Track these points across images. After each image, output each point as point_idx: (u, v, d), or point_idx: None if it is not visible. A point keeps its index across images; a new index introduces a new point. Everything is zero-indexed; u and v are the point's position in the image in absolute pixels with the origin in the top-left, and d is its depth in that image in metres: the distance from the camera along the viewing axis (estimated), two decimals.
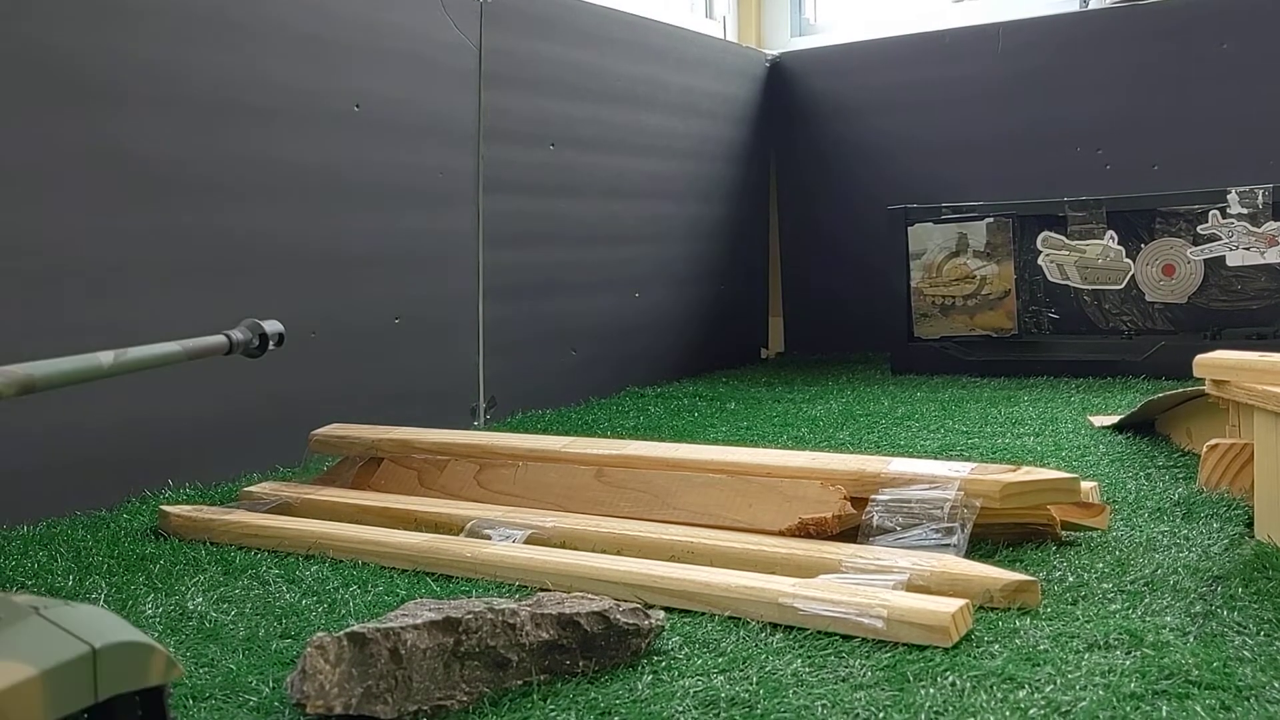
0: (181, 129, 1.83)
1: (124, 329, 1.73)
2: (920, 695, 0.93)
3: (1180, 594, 1.16)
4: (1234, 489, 1.51)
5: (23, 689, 0.61)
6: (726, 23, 3.86)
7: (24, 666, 0.62)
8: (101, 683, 0.66)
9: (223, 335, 1.08)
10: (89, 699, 0.65)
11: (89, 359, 0.94)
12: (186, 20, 1.83)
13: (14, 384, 0.86)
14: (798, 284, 3.65)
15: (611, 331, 2.86)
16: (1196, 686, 0.93)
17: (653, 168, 3.02)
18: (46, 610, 0.67)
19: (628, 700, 0.95)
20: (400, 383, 2.23)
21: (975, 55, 3.29)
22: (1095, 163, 3.13)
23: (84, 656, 0.65)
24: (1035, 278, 2.90)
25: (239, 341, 1.09)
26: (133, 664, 0.68)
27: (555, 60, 2.65)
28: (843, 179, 3.51)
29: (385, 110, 2.19)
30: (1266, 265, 2.65)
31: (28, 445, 1.64)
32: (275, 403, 1.98)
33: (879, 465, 1.40)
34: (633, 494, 1.51)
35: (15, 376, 0.86)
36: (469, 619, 0.96)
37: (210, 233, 1.89)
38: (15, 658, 0.62)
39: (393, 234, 2.22)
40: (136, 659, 0.68)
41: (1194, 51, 3.01)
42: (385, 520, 1.53)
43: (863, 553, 1.24)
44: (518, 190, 2.54)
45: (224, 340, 1.08)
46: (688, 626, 1.12)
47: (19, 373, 0.86)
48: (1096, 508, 1.41)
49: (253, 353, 1.11)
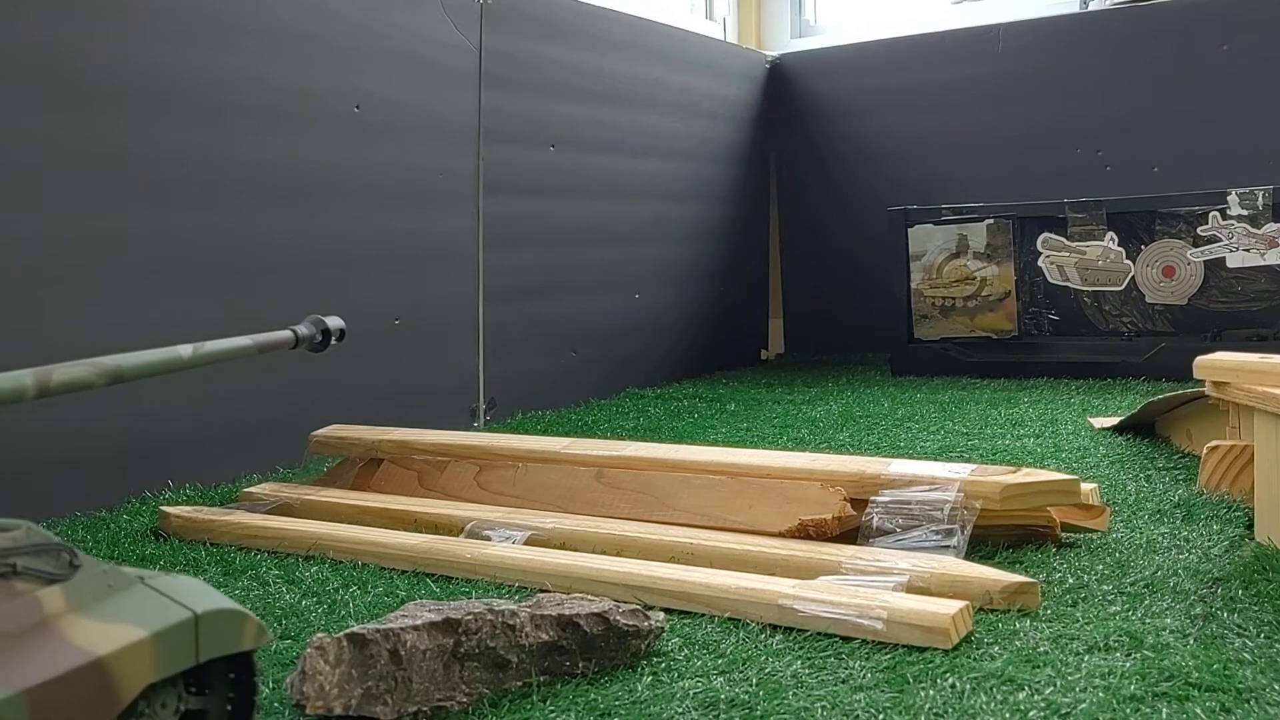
0: (181, 129, 1.83)
1: (124, 329, 1.73)
2: (920, 697, 0.93)
3: (1180, 596, 1.16)
4: (1234, 491, 1.51)
5: (136, 649, 0.67)
6: (726, 24, 3.86)
7: (136, 629, 0.68)
8: (202, 646, 0.72)
9: (289, 330, 1.13)
10: (191, 660, 0.71)
11: (170, 352, 0.99)
12: (187, 21, 1.83)
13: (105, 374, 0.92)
14: (798, 285, 3.65)
15: (611, 333, 2.86)
16: (1196, 689, 0.93)
17: (653, 169, 3.02)
18: (151, 580, 0.73)
19: (627, 702, 0.95)
20: (400, 384, 2.23)
21: (975, 56, 3.29)
22: (1095, 164, 3.13)
23: (187, 621, 0.70)
24: (1035, 279, 2.90)
25: (304, 336, 1.15)
26: (229, 629, 0.74)
27: (555, 61, 2.65)
28: (843, 180, 3.51)
29: (385, 111, 2.19)
30: (1266, 267, 2.65)
31: (28, 446, 1.64)
32: (275, 403, 1.98)
33: (879, 467, 1.40)
34: (632, 495, 1.50)
35: (106, 367, 0.92)
36: (469, 620, 0.96)
37: (210, 233, 1.89)
38: (128, 621, 0.68)
39: (393, 234, 2.22)
40: (232, 625, 0.74)
41: (1194, 52, 3.01)
42: (385, 521, 1.53)
43: (862, 554, 1.24)
44: (518, 191, 2.54)
45: (290, 335, 1.13)
46: (687, 628, 1.12)
47: (109, 364, 0.92)
48: (1096, 509, 1.41)
49: (316, 347, 1.17)
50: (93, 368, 0.90)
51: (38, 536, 0.71)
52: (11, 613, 0.65)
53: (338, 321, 1.18)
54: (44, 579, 0.68)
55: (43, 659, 0.63)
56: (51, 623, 0.66)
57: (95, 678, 0.65)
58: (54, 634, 0.65)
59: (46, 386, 0.88)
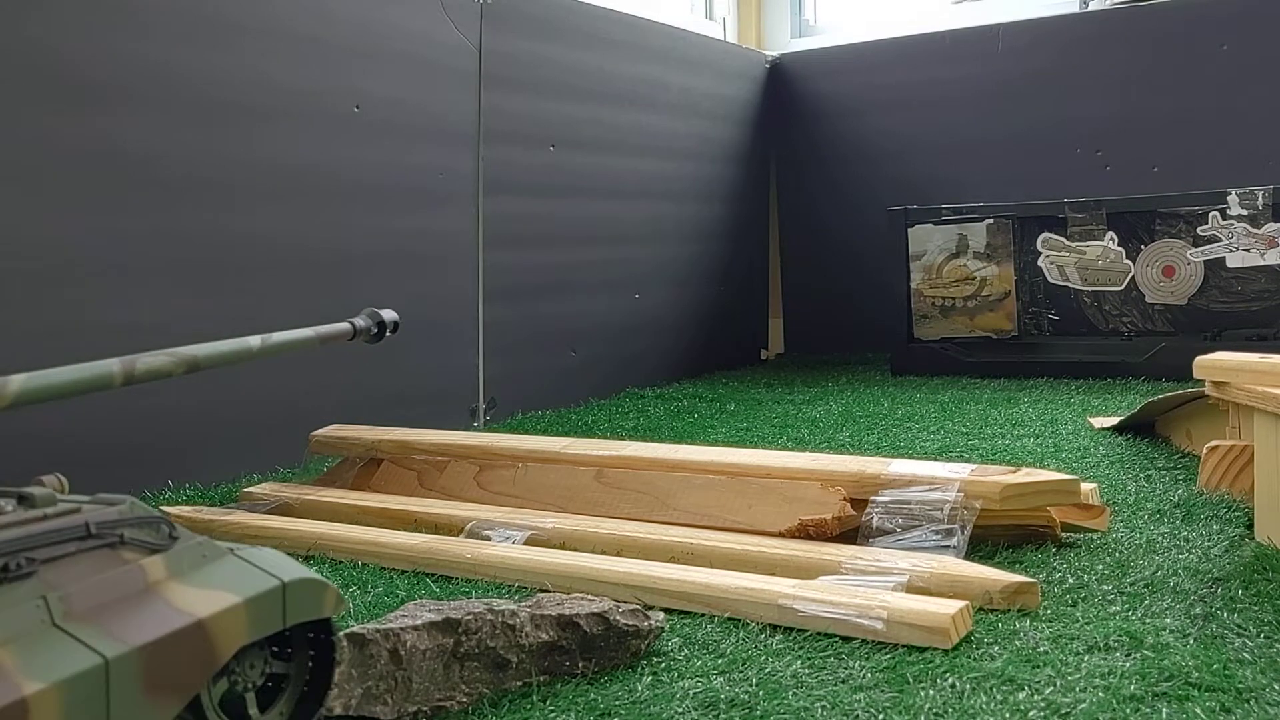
0: (181, 130, 1.83)
1: (123, 328, 1.73)
2: (920, 697, 0.93)
3: (1180, 596, 1.16)
4: (1234, 491, 1.51)
5: (232, 613, 0.72)
6: (726, 24, 3.86)
7: (231, 595, 0.73)
8: (289, 611, 0.77)
9: (348, 323, 1.20)
10: (279, 625, 0.76)
11: (242, 342, 1.06)
12: (187, 21, 1.83)
13: (183, 363, 0.98)
14: (798, 285, 3.65)
15: (611, 332, 2.86)
16: (1196, 689, 0.93)
17: (653, 169, 3.02)
18: (239, 551, 0.79)
19: (627, 702, 0.95)
20: (400, 383, 2.23)
21: (975, 56, 3.29)
22: (1095, 164, 3.13)
23: (276, 589, 0.76)
24: (1035, 279, 2.90)
25: (361, 328, 1.21)
26: (312, 597, 0.79)
27: (555, 61, 2.65)
28: (843, 180, 3.51)
29: (385, 111, 2.19)
30: (1266, 267, 2.65)
31: (27, 446, 1.64)
32: (275, 403, 1.98)
33: (879, 467, 1.40)
34: (632, 495, 1.50)
35: (184, 356, 0.98)
36: (469, 620, 0.96)
37: (210, 233, 1.89)
38: (223, 588, 0.74)
39: (393, 234, 2.22)
40: (315, 593, 0.79)
41: (1194, 52, 3.01)
42: (385, 521, 1.53)
43: (862, 554, 1.24)
44: (518, 191, 2.54)
45: (349, 327, 1.20)
46: (687, 628, 1.12)
47: (186, 354, 0.98)
48: (1096, 509, 1.41)
49: (372, 338, 1.23)
50: (172, 357, 0.97)
51: (140, 510, 0.76)
52: (121, 579, 0.70)
53: (392, 314, 1.24)
54: (147, 548, 0.74)
55: (151, 620, 0.69)
56: (155, 588, 0.72)
57: (197, 638, 0.70)
58: (158, 598, 0.71)
59: (132, 374, 0.93)
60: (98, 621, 0.67)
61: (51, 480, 0.78)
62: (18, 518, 0.69)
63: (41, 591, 0.66)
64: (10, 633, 0.63)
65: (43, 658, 0.63)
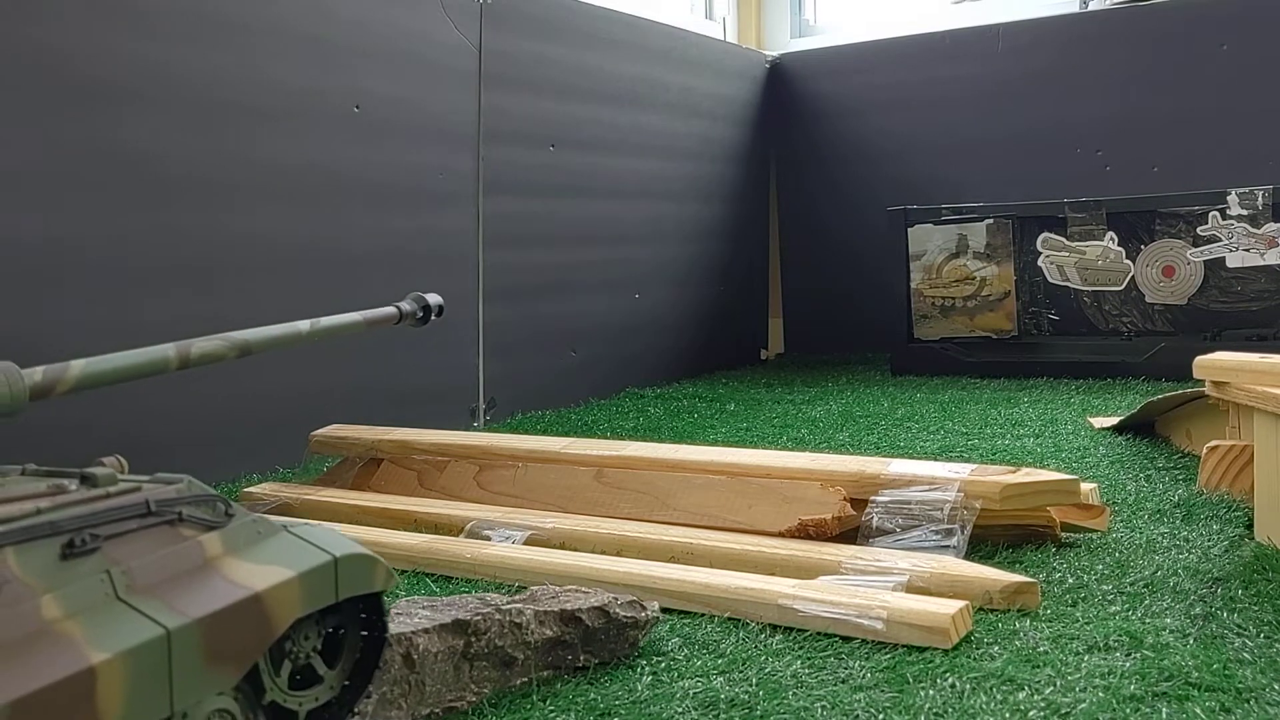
0: (182, 129, 1.83)
1: (123, 328, 1.73)
2: (920, 697, 0.93)
3: (1180, 596, 1.16)
4: (1234, 490, 1.51)
5: (286, 586, 0.75)
6: (726, 24, 3.86)
7: (285, 569, 0.76)
8: (341, 585, 0.80)
9: (394, 307, 1.23)
10: (331, 598, 0.79)
11: (291, 327, 1.10)
12: (187, 21, 1.83)
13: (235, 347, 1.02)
14: (798, 285, 3.65)
15: (611, 332, 2.86)
16: (1196, 688, 0.93)
17: (653, 168, 3.02)
18: (293, 528, 0.82)
19: (627, 702, 0.95)
20: (400, 383, 2.23)
21: (975, 56, 3.29)
22: (1095, 164, 3.13)
23: (328, 564, 0.79)
24: (1035, 279, 2.90)
25: (407, 312, 1.25)
26: (363, 572, 0.82)
27: (555, 61, 2.65)
28: (843, 180, 3.51)
29: (385, 111, 2.19)
30: (1266, 266, 2.65)
31: (27, 447, 1.64)
32: (275, 403, 1.98)
33: (879, 467, 1.40)
34: (632, 495, 1.50)
35: (236, 341, 1.02)
36: (478, 621, 0.96)
37: (210, 233, 1.89)
38: (278, 563, 0.77)
39: (393, 234, 2.22)
40: (365, 568, 0.82)
41: (1194, 52, 3.00)
42: (385, 521, 1.53)
43: (862, 554, 1.24)
44: (518, 191, 2.54)
45: (395, 311, 1.23)
46: (687, 628, 1.12)
47: (239, 338, 1.02)
48: (1096, 509, 1.41)
49: (418, 322, 1.27)
50: (225, 341, 1.01)
51: (198, 489, 0.78)
52: (180, 554, 0.73)
53: (437, 298, 1.27)
54: (205, 525, 0.76)
55: (210, 594, 0.72)
56: (213, 563, 0.75)
57: (254, 610, 0.73)
58: (216, 573, 0.74)
59: (187, 358, 0.98)
60: (159, 595, 0.70)
61: (112, 461, 0.81)
62: (82, 496, 0.72)
63: (105, 566, 0.69)
64: (77, 605, 0.66)
65: (108, 629, 0.66)
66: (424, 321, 1.27)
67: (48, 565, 0.67)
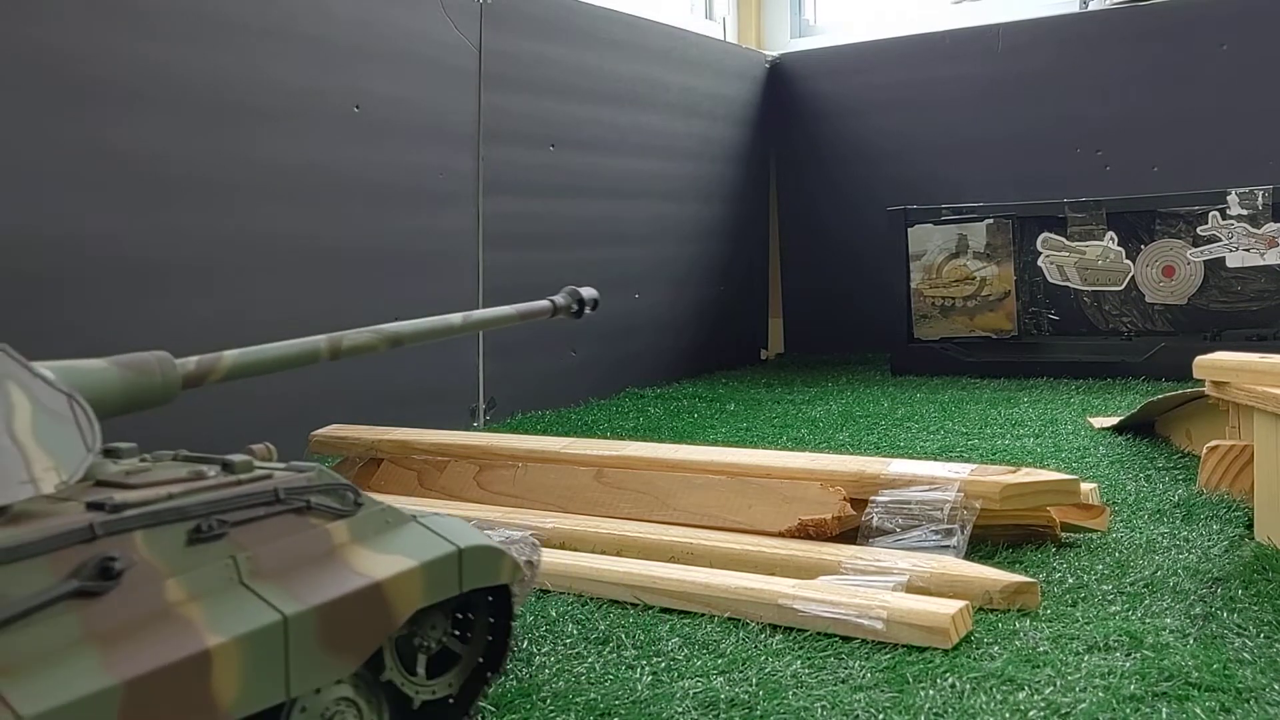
0: (182, 130, 1.83)
1: (123, 328, 1.73)
2: (920, 697, 0.93)
3: (1180, 596, 1.16)
4: (1234, 490, 1.51)
5: (408, 576, 0.76)
6: (726, 24, 3.86)
7: (408, 560, 0.77)
8: (465, 577, 0.81)
9: (547, 300, 1.24)
10: (455, 590, 0.80)
11: (444, 320, 1.12)
12: (187, 21, 1.83)
13: (386, 339, 1.04)
14: (798, 285, 3.65)
15: (611, 332, 2.86)
16: (1196, 688, 0.93)
17: (653, 168, 3.02)
18: (423, 518, 0.83)
19: (627, 701, 0.95)
20: (400, 383, 2.23)
21: (975, 55, 3.29)
22: (1095, 164, 3.13)
23: (452, 555, 0.80)
24: (1035, 279, 2.90)
25: (561, 305, 1.26)
26: (489, 564, 0.83)
27: (555, 61, 2.65)
28: (843, 180, 3.51)
29: (385, 110, 2.19)
30: (1266, 266, 2.65)
31: None
32: (275, 403, 1.98)
33: (879, 467, 1.40)
34: (632, 495, 1.50)
35: (387, 333, 1.04)
36: None
37: (210, 233, 1.89)
38: (402, 553, 0.78)
39: (393, 234, 2.22)
40: (491, 560, 0.83)
41: (1194, 52, 3.00)
42: None
43: (862, 554, 1.24)
44: (518, 191, 2.54)
45: (549, 304, 1.24)
46: (687, 627, 1.12)
47: (390, 330, 1.05)
48: (1096, 509, 1.41)
49: (573, 315, 1.28)
50: (376, 334, 1.04)
51: (328, 478, 0.79)
52: (306, 541, 0.75)
53: (591, 292, 1.28)
54: (333, 514, 0.78)
55: (331, 581, 0.73)
56: (338, 551, 0.76)
57: (374, 599, 0.74)
58: (340, 561, 0.75)
59: (338, 349, 1.01)
60: (281, 581, 0.71)
61: (260, 449, 0.83)
62: (215, 482, 0.74)
63: (231, 552, 0.70)
64: (200, 589, 0.68)
65: (227, 613, 0.67)
66: (579, 314, 1.28)
67: (175, 549, 0.68)
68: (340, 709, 0.75)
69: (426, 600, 0.78)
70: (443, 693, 0.84)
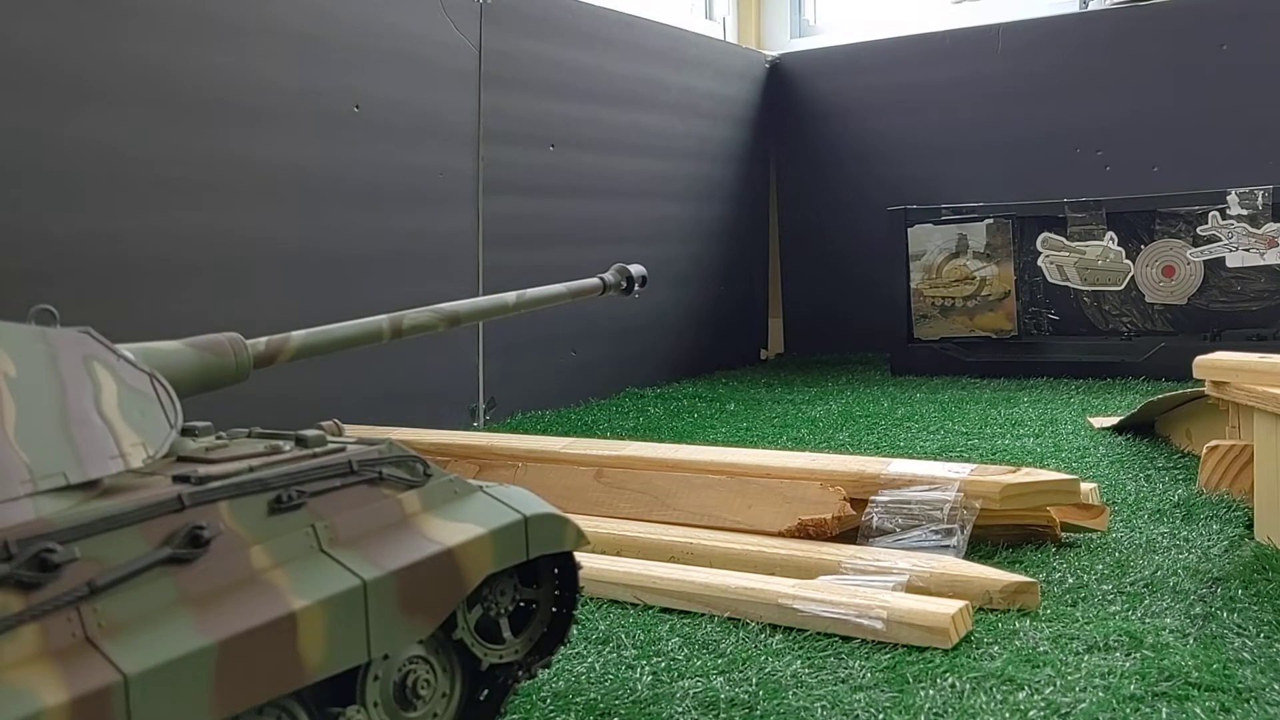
0: (181, 130, 1.83)
1: (122, 328, 1.73)
2: (920, 697, 0.93)
3: (1180, 596, 1.16)
4: (1234, 490, 1.51)
5: (478, 543, 0.80)
6: (726, 24, 3.86)
7: (478, 527, 0.81)
8: (532, 543, 0.84)
9: (597, 278, 1.27)
10: (522, 556, 0.83)
11: (499, 298, 1.16)
12: (187, 21, 1.83)
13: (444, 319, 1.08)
14: (797, 285, 3.65)
15: (612, 333, 2.86)
16: (1196, 688, 0.93)
17: (652, 168, 3.01)
18: (489, 489, 0.86)
19: (627, 701, 0.95)
20: (400, 383, 2.23)
21: (975, 56, 3.29)
22: (1095, 163, 3.13)
23: (518, 522, 0.83)
24: (1035, 279, 2.90)
25: (610, 283, 1.29)
26: (553, 531, 0.86)
27: (555, 61, 2.65)
28: (842, 180, 3.51)
29: (385, 111, 2.19)
30: (1266, 266, 2.65)
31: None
32: (275, 403, 1.98)
33: (879, 466, 1.40)
34: (632, 495, 1.50)
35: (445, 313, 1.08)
36: None
37: (210, 233, 1.89)
38: (471, 520, 0.81)
39: (393, 234, 2.21)
40: (556, 528, 0.86)
41: (1194, 52, 3.00)
42: None
43: (862, 554, 1.24)
44: (518, 191, 2.54)
45: (598, 282, 1.28)
46: (687, 627, 1.12)
47: (448, 309, 1.08)
48: (1096, 509, 1.41)
49: (623, 292, 1.31)
50: (435, 313, 1.07)
51: (398, 450, 0.82)
52: (380, 511, 0.78)
53: (640, 269, 1.31)
54: (403, 484, 0.81)
55: (405, 548, 0.76)
56: (410, 520, 0.80)
57: (447, 565, 0.77)
58: (412, 529, 0.79)
59: (399, 328, 1.05)
60: (358, 548, 0.75)
61: (329, 425, 0.88)
62: (291, 455, 0.77)
63: (310, 521, 0.74)
64: (283, 556, 0.71)
65: (310, 578, 0.71)
66: (628, 291, 1.31)
67: (258, 518, 0.72)
68: (413, 667, 0.79)
69: (496, 565, 0.81)
70: (509, 657, 0.87)
